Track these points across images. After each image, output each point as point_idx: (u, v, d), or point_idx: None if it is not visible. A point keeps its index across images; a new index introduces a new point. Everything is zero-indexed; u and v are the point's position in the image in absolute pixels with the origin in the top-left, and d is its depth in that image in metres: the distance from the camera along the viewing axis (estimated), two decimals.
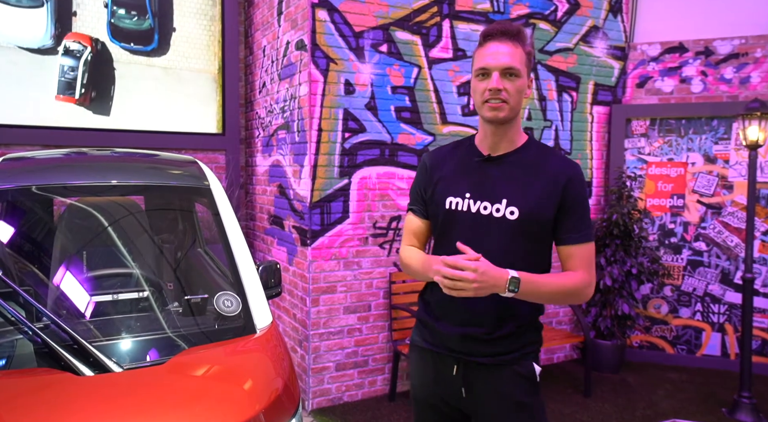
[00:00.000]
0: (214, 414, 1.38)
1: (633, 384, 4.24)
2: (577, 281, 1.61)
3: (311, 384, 3.75)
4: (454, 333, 1.67)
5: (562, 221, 1.64)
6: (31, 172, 1.88)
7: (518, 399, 1.66)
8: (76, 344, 1.46)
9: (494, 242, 1.62)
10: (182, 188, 2.15)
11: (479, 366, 1.66)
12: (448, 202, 1.71)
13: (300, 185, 3.84)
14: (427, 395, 1.77)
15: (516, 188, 1.64)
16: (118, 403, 1.35)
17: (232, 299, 1.78)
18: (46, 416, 1.29)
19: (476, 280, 1.45)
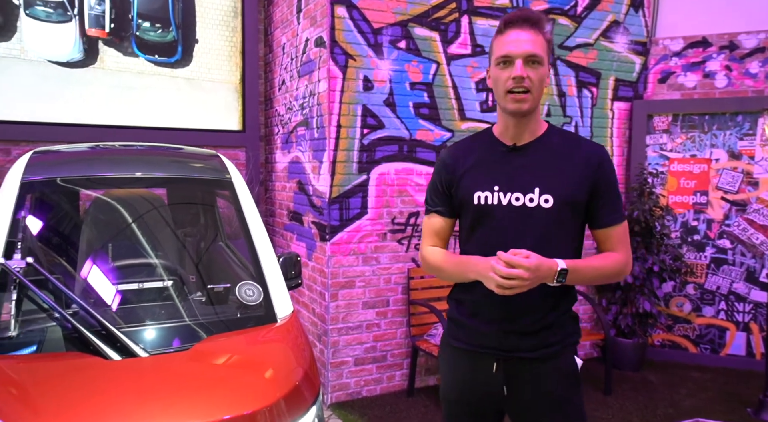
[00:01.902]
0: (235, 399, 1.40)
1: (655, 383, 4.19)
2: (618, 262, 1.63)
3: (330, 378, 3.78)
4: (493, 330, 1.64)
5: (597, 203, 1.63)
6: (58, 164, 1.93)
7: (561, 395, 1.64)
8: (103, 329, 1.51)
9: (531, 234, 1.59)
10: (204, 180, 2.18)
11: (521, 361, 1.63)
12: (476, 197, 1.66)
13: (319, 180, 3.87)
14: (462, 395, 1.73)
15: (547, 176, 1.61)
16: (144, 386, 1.39)
17: (253, 289, 1.81)
18: (76, 397, 1.33)
19: (529, 278, 1.46)
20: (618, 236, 1.64)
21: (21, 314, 1.55)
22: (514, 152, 1.66)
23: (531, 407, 1.65)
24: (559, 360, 1.64)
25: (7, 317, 1.52)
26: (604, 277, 1.64)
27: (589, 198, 1.62)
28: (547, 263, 1.49)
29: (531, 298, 1.59)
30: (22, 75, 4.03)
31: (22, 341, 1.49)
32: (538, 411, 1.64)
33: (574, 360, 1.67)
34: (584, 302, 4.62)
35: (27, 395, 1.32)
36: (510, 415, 1.72)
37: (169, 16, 4.45)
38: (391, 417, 3.57)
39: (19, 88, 4.01)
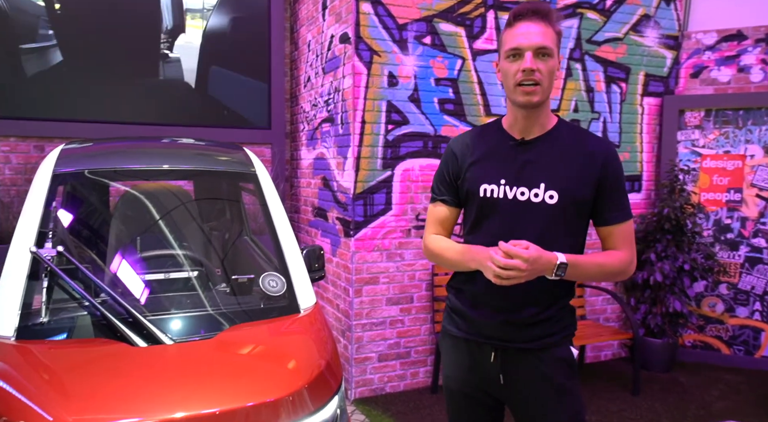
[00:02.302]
0: (258, 386, 1.41)
1: (685, 384, 4.09)
2: (620, 260, 1.63)
3: (354, 374, 3.79)
4: (492, 321, 1.65)
5: (602, 201, 1.62)
6: (88, 157, 1.97)
7: (559, 383, 1.64)
8: (131, 317, 1.54)
9: (534, 229, 1.59)
10: (230, 173, 2.21)
11: (519, 351, 1.65)
12: (482, 190, 1.67)
13: (343, 176, 3.88)
14: (461, 384, 1.75)
15: (553, 172, 1.61)
16: (169, 372, 1.41)
17: (277, 280, 1.83)
18: (104, 381, 1.36)
19: (527, 269, 1.46)
20: (622, 234, 1.64)
21: (52, 302, 1.59)
22: (522, 146, 1.65)
23: (529, 395, 1.65)
24: (557, 350, 1.65)
25: (39, 304, 1.56)
26: (605, 274, 1.64)
27: (595, 196, 1.62)
28: (546, 256, 1.49)
29: (531, 291, 1.60)
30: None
31: (52, 327, 1.53)
32: (536, 400, 1.65)
33: (570, 349, 1.68)
34: (612, 302, 4.53)
35: (57, 379, 1.35)
36: (508, 405, 1.73)
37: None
38: (415, 414, 3.56)
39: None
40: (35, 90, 4.01)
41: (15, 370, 1.38)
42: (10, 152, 3.88)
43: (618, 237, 1.64)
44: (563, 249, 1.56)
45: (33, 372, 1.38)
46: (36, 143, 3.93)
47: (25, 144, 3.93)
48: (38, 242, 1.63)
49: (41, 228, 1.67)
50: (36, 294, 1.57)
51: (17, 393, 1.30)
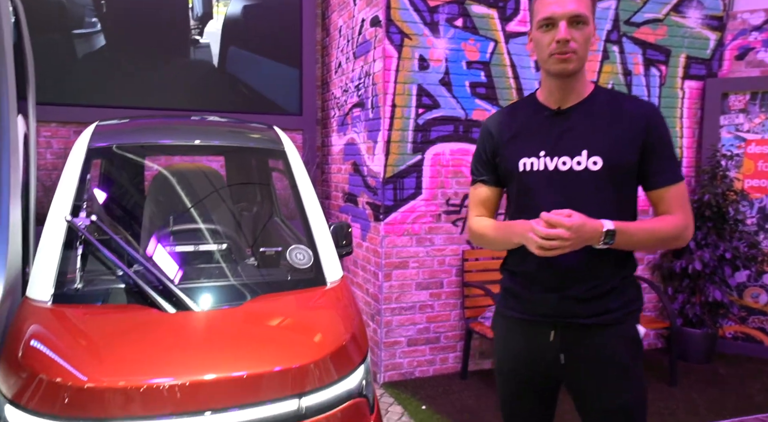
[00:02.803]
0: (284, 352, 1.42)
1: (725, 376, 3.96)
2: (675, 224, 1.53)
3: (383, 358, 3.79)
4: (550, 297, 1.58)
5: (649, 163, 1.54)
6: (122, 133, 2.02)
7: (623, 363, 1.56)
8: (161, 285, 1.57)
9: (580, 198, 1.52)
10: (259, 149, 2.23)
11: (580, 328, 1.56)
12: (521, 164, 1.61)
13: (373, 161, 3.88)
14: (516, 366, 1.68)
15: (595, 137, 1.54)
16: (197, 337, 1.43)
17: (304, 253, 1.84)
18: (135, 343, 1.39)
19: (570, 237, 1.40)
20: (674, 197, 1.54)
21: (86, 269, 1.64)
22: (559, 116, 1.59)
23: (590, 375, 1.58)
24: (621, 327, 1.56)
25: (74, 270, 1.61)
26: (659, 240, 1.54)
27: (641, 159, 1.54)
28: (591, 224, 1.42)
29: (586, 264, 1.53)
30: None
31: (86, 293, 1.57)
32: (598, 380, 1.57)
33: (636, 327, 1.59)
34: (649, 291, 4.41)
35: (91, 341, 1.39)
36: (567, 385, 1.65)
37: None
38: (444, 398, 3.54)
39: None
40: (77, 77, 4.14)
41: (51, 332, 1.42)
42: (51, 137, 4.01)
43: (670, 200, 1.54)
44: (612, 218, 1.48)
45: (68, 334, 1.42)
46: (75, 128, 4.05)
47: (65, 129, 4.06)
48: (73, 212, 1.68)
49: (76, 200, 1.72)
50: (71, 262, 1.61)
51: (53, 353, 1.34)
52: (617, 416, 1.56)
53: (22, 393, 1.28)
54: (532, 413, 1.70)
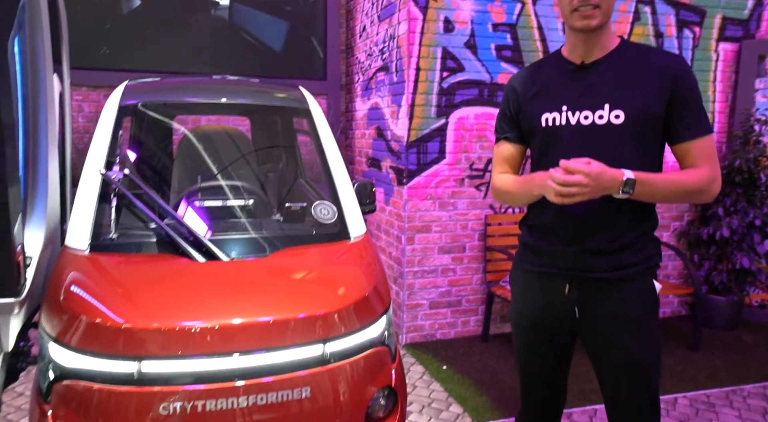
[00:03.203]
0: (309, 301, 1.48)
1: (750, 344, 3.93)
2: (700, 177, 1.50)
3: (405, 320, 3.87)
4: (566, 250, 1.59)
5: (675, 116, 1.51)
6: (151, 91, 2.07)
7: (637, 317, 1.57)
8: (191, 236, 1.63)
9: (602, 152, 1.50)
10: (284, 108, 2.27)
11: (596, 282, 1.57)
12: (544, 119, 1.61)
13: (397, 125, 3.88)
14: (534, 319, 1.70)
15: (618, 90, 1.52)
16: (226, 284, 1.50)
17: (328, 208, 1.88)
18: (167, 289, 1.46)
19: (589, 184, 1.39)
20: (701, 150, 1.51)
21: (120, 220, 1.71)
22: (582, 71, 1.58)
23: (605, 329, 1.59)
24: (636, 283, 1.57)
25: (109, 221, 1.68)
26: (682, 193, 1.52)
27: (667, 111, 1.51)
28: (610, 172, 1.41)
29: (604, 216, 1.53)
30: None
31: (121, 242, 1.64)
32: (612, 333, 1.58)
33: (653, 283, 1.59)
34: (674, 258, 4.38)
35: (126, 287, 1.46)
36: (583, 339, 1.67)
37: None
38: (464, 360, 3.61)
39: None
40: (111, 40, 4.20)
41: (90, 278, 1.50)
42: (83, 101, 4.10)
43: (696, 153, 1.51)
44: (637, 168, 1.48)
45: (105, 280, 1.50)
46: (105, 92, 4.13)
47: (96, 93, 4.14)
48: (107, 167, 1.74)
49: (109, 155, 1.78)
50: (106, 213, 1.68)
51: (92, 297, 1.42)
52: (630, 370, 1.57)
53: (65, 332, 1.36)
54: (549, 365, 1.73)
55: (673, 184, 1.49)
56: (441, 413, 2.96)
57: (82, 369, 1.33)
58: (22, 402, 2.98)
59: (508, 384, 3.26)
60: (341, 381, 1.45)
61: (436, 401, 3.09)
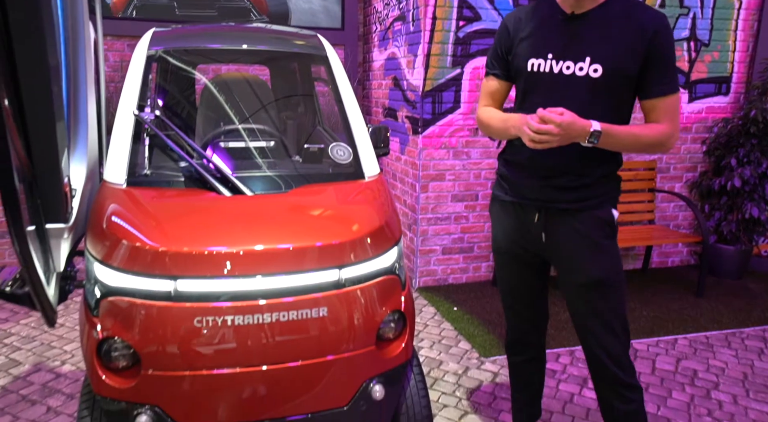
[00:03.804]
0: (325, 231, 1.62)
1: (754, 291, 4.04)
2: (659, 132, 1.64)
3: (419, 265, 4.03)
4: (537, 184, 1.75)
5: (647, 73, 1.62)
6: (177, 38, 2.18)
7: (595, 240, 1.73)
8: (218, 172, 1.77)
9: (576, 102, 1.62)
10: (302, 54, 2.36)
11: (560, 211, 1.75)
12: (530, 64, 1.71)
13: (413, 75, 3.94)
14: (509, 244, 1.89)
15: (600, 45, 1.62)
16: (250, 215, 1.65)
17: (344, 150, 2.00)
18: (196, 218, 1.62)
19: (559, 134, 1.52)
20: (665, 107, 1.64)
21: (153, 157, 1.85)
22: (571, 21, 1.66)
23: (567, 252, 1.76)
24: (596, 211, 1.73)
25: (142, 158, 1.82)
26: (641, 145, 1.66)
27: (641, 67, 1.61)
28: (580, 123, 1.54)
29: (571, 160, 1.68)
30: None
31: (154, 178, 1.79)
32: (574, 255, 1.75)
33: (611, 211, 1.75)
34: (685, 208, 4.44)
35: (161, 216, 1.62)
36: (551, 261, 1.86)
37: None
38: (474, 302, 3.78)
39: None
40: None
41: (128, 208, 1.66)
42: (108, 51, 4.21)
43: (661, 110, 1.64)
44: (608, 120, 1.59)
45: (142, 210, 1.65)
46: (129, 41, 4.23)
47: (119, 43, 4.25)
48: (139, 109, 1.87)
49: (140, 99, 1.91)
50: (140, 151, 1.83)
51: (130, 224, 1.58)
52: (590, 289, 1.74)
53: (109, 255, 1.52)
54: (526, 285, 1.94)
55: (635, 137, 1.63)
56: (450, 349, 3.15)
57: (124, 287, 1.49)
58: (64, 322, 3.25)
59: None
60: (354, 303, 1.59)
61: (446, 338, 3.28)
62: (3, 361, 2.90)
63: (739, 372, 2.91)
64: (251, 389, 1.51)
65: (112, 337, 1.48)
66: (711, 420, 2.48)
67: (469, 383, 2.78)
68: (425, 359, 3.02)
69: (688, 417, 2.49)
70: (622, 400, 1.79)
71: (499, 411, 2.53)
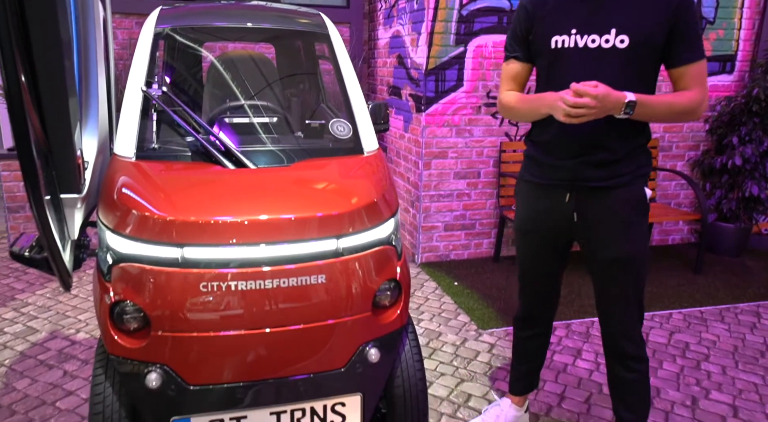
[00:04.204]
0: (325, 202, 1.70)
1: (752, 268, 4.09)
2: (690, 99, 1.66)
3: (421, 241, 4.12)
4: (568, 163, 1.77)
5: (674, 42, 1.64)
6: (183, 16, 2.24)
7: (626, 217, 1.75)
8: (223, 146, 1.85)
9: (605, 74, 1.63)
10: (304, 32, 2.42)
11: (593, 190, 1.76)
12: (553, 41, 1.72)
13: (417, 52, 3.97)
14: (536, 225, 1.91)
15: (625, 16, 1.63)
16: (254, 187, 1.72)
17: (344, 125, 2.07)
18: (202, 190, 1.70)
19: (596, 106, 1.55)
20: (693, 74, 1.66)
21: (160, 132, 1.93)
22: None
23: (597, 229, 1.79)
24: (628, 188, 1.75)
25: (151, 133, 1.90)
26: (675, 113, 1.68)
27: (667, 38, 1.64)
28: (615, 94, 1.56)
29: (601, 134, 1.70)
30: None
31: (162, 151, 1.87)
32: (604, 233, 1.78)
33: (643, 189, 1.77)
34: (686, 187, 4.48)
35: (169, 188, 1.70)
36: (579, 241, 1.88)
37: None
38: (475, 277, 3.87)
39: None
40: None
41: (137, 180, 1.74)
42: (116, 28, 4.27)
43: (690, 77, 1.66)
44: (638, 91, 1.62)
45: (151, 182, 1.73)
46: (137, 19, 4.28)
47: (128, 20, 4.30)
48: (147, 85, 1.95)
49: (148, 75, 1.98)
50: (148, 126, 1.91)
51: (140, 195, 1.66)
52: (618, 265, 1.78)
53: (120, 224, 1.61)
54: (547, 264, 1.97)
55: (668, 105, 1.66)
56: (449, 321, 3.25)
57: (135, 254, 1.58)
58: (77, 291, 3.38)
59: (514, 298, 3.52)
60: (352, 271, 1.68)
61: (446, 311, 3.38)
62: (21, 329, 3.03)
63: (731, 344, 2.98)
64: (254, 350, 1.61)
65: (124, 301, 1.58)
66: (699, 389, 2.57)
67: (466, 353, 2.88)
68: (425, 330, 3.12)
69: (677, 386, 2.58)
70: (627, 369, 1.88)
71: (494, 380, 2.63)
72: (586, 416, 2.38)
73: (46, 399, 2.42)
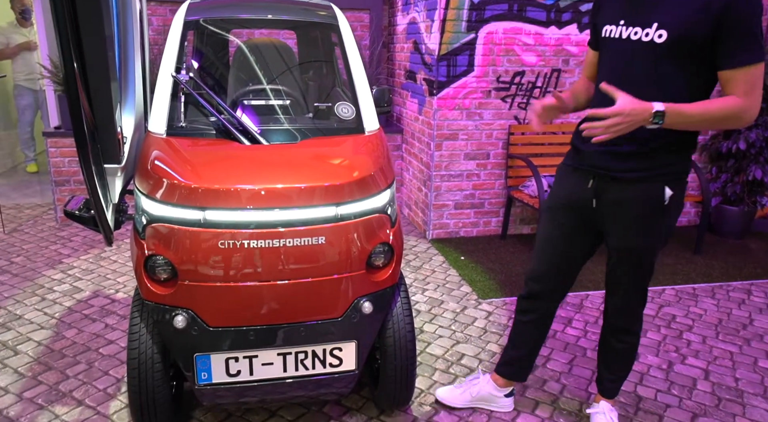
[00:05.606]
0: (329, 174, 1.96)
1: (753, 250, 4.21)
2: (730, 105, 1.56)
3: (432, 218, 4.36)
4: (594, 152, 1.82)
5: (721, 42, 1.53)
6: (210, 9, 2.51)
7: (639, 213, 1.79)
8: (240, 125, 2.12)
9: (638, 69, 1.63)
10: (317, 23, 2.67)
11: (611, 179, 1.80)
12: (605, 30, 1.77)
13: (430, 39, 4.17)
14: (558, 201, 1.99)
15: (668, 11, 1.59)
16: (268, 161, 2.00)
17: (348, 108, 2.33)
18: (223, 162, 1.98)
19: (621, 123, 1.54)
20: (741, 78, 1.53)
21: (188, 113, 2.22)
22: None
23: (612, 218, 1.87)
24: (647, 185, 1.76)
25: (180, 113, 2.20)
26: (712, 121, 1.59)
27: (714, 36, 1.54)
28: (640, 108, 1.54)
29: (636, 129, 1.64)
30: None
31: (188, 130, 2.16)
32: (617, 222, 1.85)
33: (664, 189, 1.75)
34: (692, 171, 4.59)
35: (194, 160, 1.99)
36: (599, 227, 1.94)
37: None
38: (483, 254, 4.10)
39: None
40: None
41: (167, 154, 2.04)
42: (152, 15, 4.59)
43: (737, 82, 1.54)
44: (674, 90, 1.61)
45: (179, 155, 2.02)
46: (171, 6, 4.59)
47: (162, 8, 4.61)
48: (176, 71, 2.23)
49: (177, 62, 2.26)
50: (177, 107, 2.20)
51: (170, 167, 1.96)
52: (628, 254, 1.89)
53: (152, 190, 1.91)
54: (565, 237, 2.00)
55: (703, 112, 1.57)
56: (452, 291, 3.50)
57: (165, 215, 1.88)
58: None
59: (516, 272, 3.74)
60: (349, 234, 1.94)
61: (450, 283, 3.63)
62: (68, 288, 3.41)
63: (716, 318, 3.16)
64: (263, 299, 1.90)
65: (156, 255, 1.88)
66: (677, 355, 2.77)
67: (464, 319, 3.13)
68: (429, 298, 3.38)
69: (657, 353, 2.79)
70: (619, 341, 2.06)
71: (487, 342, 2.88)
72: (567, 375, 2.61)
73: (90, 346, 2.78)
